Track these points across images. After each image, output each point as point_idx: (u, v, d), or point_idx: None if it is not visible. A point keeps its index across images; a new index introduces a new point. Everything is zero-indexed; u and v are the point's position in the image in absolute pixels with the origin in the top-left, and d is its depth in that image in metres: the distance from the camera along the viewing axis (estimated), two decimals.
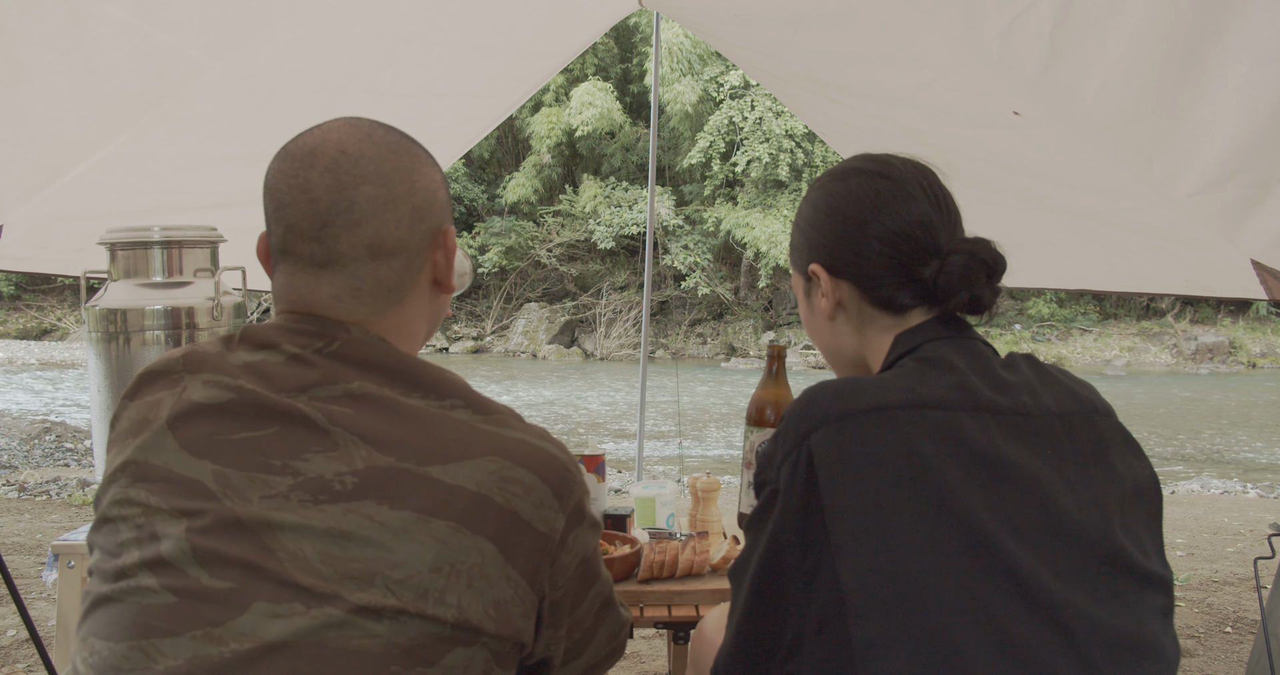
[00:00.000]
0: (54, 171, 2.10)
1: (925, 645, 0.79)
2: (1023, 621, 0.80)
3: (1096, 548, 0.86)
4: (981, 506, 0.83)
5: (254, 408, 0.82)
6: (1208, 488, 7.57)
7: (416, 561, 0.77)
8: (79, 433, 9.09)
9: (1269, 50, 1.50)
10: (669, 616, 1.56)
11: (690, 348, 19.76)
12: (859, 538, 0.82)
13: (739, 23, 2.84)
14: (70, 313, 21.72)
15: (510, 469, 0.82)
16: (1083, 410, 0.93)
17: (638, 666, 3.12)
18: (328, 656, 0.74)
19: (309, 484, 0.78)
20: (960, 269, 0.95)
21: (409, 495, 0.78)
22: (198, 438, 0.82)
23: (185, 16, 1.88)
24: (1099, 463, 0.90)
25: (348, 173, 0.87)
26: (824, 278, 1.02)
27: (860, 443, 0.85)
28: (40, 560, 4.28)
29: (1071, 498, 0.86)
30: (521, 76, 3.37)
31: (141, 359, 1.79)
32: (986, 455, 0.85)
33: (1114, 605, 0.85)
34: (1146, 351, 19.02)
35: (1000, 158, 2.57)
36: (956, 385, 0.89)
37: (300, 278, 0.89)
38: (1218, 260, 2.26)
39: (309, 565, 0.76)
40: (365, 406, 0.82)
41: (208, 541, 0.77)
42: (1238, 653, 3.33)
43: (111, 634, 0.77)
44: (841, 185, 1.03)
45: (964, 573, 0.81)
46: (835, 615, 0.82)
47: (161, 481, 0.81)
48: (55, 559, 1.82)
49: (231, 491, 0.79)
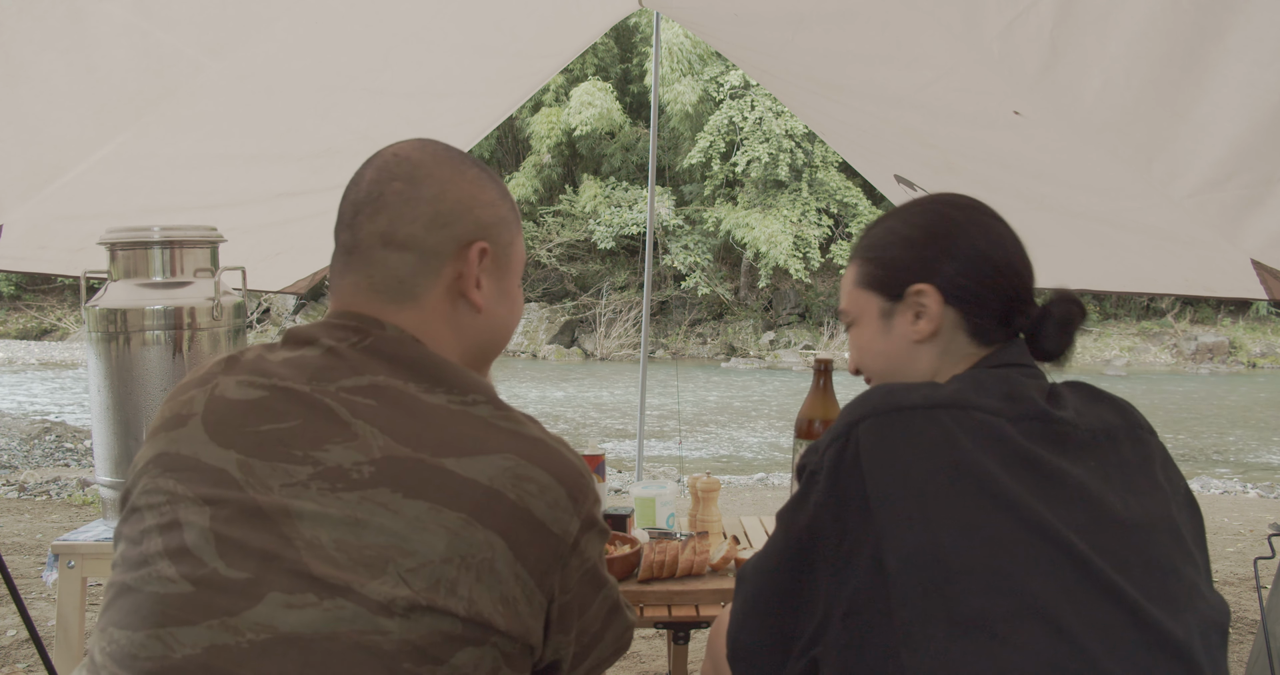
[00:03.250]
0: (54, 171, 2.10)
1: (964, 626, 0.80)
2: (1065, 605, 0.81)
3: (1145, 550, 0.87)
4: (1026, 495, 0.85)
5: (283, 401, 0.85)
6: (1208, 488, 7.57)
7: (429, 551, 0.78)
8: (79, 433, 9.09)
9: (1269, 49, 1.50)
10: (669, 616, 1.56)
11: (690, 348, 19.75)
12: (903, 521, 0.84)
13: (739, 23, 2.84)
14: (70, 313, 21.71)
15: (525, 468, 0.84)
16: (1127, 425, 0.97)
17: (638, 666, 3.12)
18: (340, 651, 0.75)
19: (328, 473, 0.81)
20: (1064, 317, 1.01)
21: (423, 485, 0.80)
22: (227, 429, 0.85)
23: (185, 15, 1.88)
24: (1146, 477, 0.93)
25: (389, 171, 0.95)
26: (934, 300, 1.03)
27: (906, 434, 0.88)
28: (40, 560, 4.28)
29: (1120, 502, 0.89)
30: (521, 76, 3.37)
31: (141, 359, 1.79)
32: (1029, 455, 0.88)
33: (1162, 606, 0.84)
34: (1146, 351, 19.02)
35: (1000, 158, 2.57)
36: (1006, 396, 0.93)
37: (335, 266, 0.97)
38: (1218, 260, 2.26)
39: (324, 553, 0.78)
40: (387, 399, 0.85)
41: (229, 530, 0.79)
42: (1238, 653, 3.33)
43: (130, 623, 0.79)
44: (956, 211, 1.05)
45: (1006, 556, 0.82)
46: (867, 600, 0.84)
47: (189, 470, 0.84)
48: (55, 559, 1.82)
49: (254, 480, 0.81)
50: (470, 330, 0.98)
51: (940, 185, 3.09)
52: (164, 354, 1.80)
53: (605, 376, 16.46)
